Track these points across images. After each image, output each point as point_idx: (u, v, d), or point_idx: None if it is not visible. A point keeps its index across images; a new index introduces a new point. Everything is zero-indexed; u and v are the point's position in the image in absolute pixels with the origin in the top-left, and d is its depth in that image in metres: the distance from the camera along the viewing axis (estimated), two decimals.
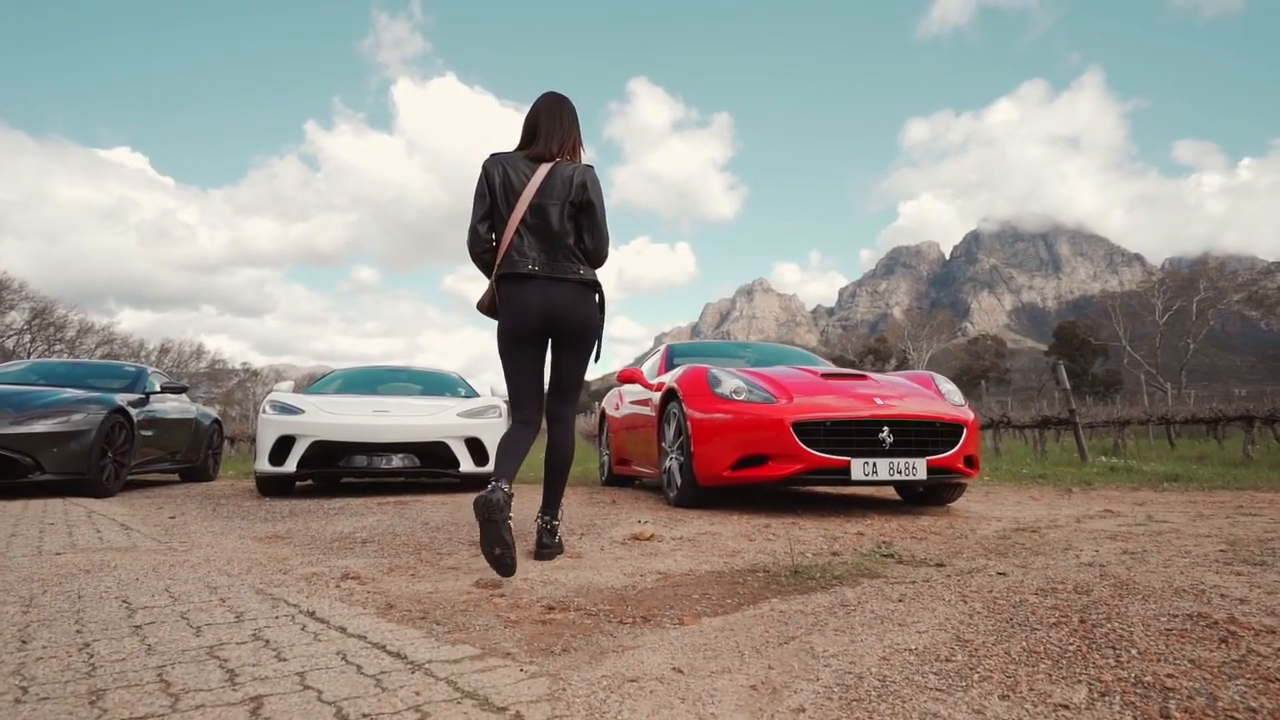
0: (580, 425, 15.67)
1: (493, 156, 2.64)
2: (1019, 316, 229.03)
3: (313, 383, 6.97)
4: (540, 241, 2.57)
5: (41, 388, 5.79)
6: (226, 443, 14.58)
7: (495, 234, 2.62)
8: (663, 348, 5.87)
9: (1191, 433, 17.15)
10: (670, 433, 4.40)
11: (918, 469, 3.72)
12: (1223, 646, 1.39)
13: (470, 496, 5.18)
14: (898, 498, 4.80)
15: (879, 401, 3.91)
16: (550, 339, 2.67)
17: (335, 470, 5.36)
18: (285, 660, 1.44)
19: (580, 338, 2.66)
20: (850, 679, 1.32)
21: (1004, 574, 2.13)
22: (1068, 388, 8.61)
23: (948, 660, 1.39)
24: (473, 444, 5.55)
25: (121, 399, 5.81)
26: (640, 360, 7.30)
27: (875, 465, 3.67)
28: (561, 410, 2.76)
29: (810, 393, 4.00)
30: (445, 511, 4.22)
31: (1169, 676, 1.26)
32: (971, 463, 3.98)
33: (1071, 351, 53.51)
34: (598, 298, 2.68)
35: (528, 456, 2.64)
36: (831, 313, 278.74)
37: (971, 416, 4.09)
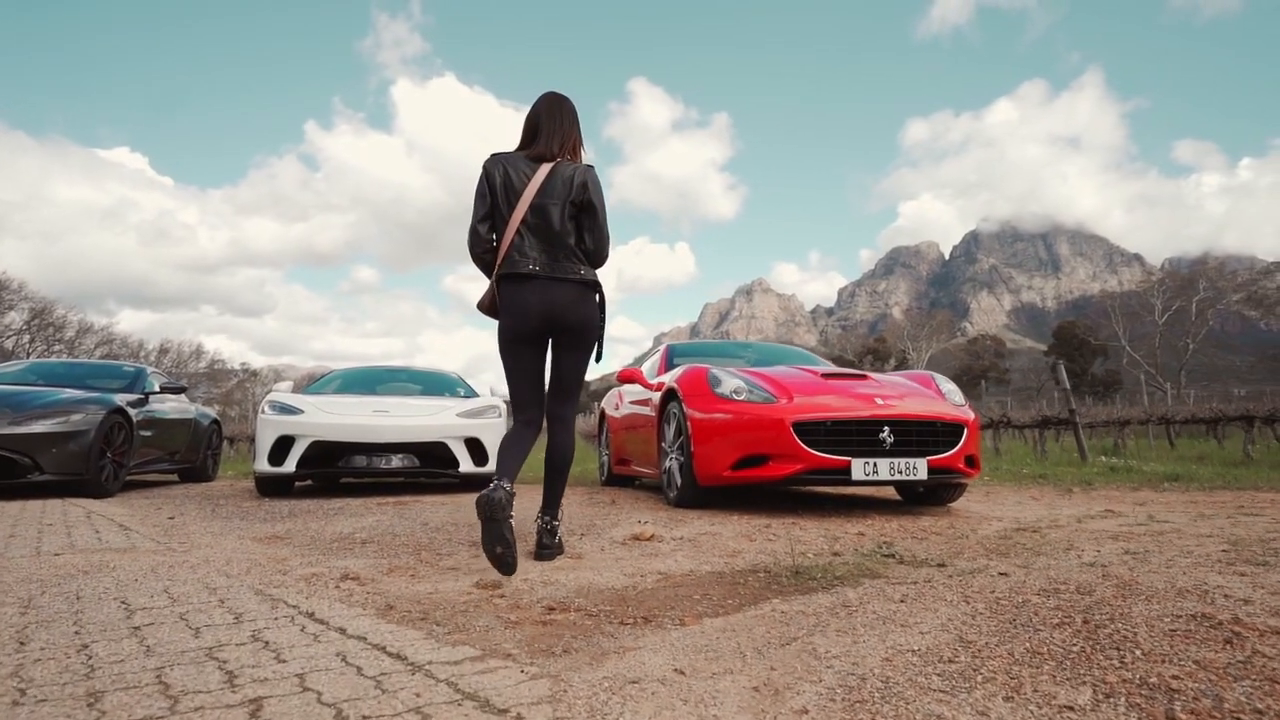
0: (580, 425, 15.66)
1: (493, 156, 2.64)
2: (1018, 316, 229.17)
3: (312, 383, 6.97)
4: (541, 242, 2.57)
5: (40, 388, 5.78)
6: (226, 443, 14.56)
7: (496, 234, 2.62)
8: (662, 348, 5.87)
9: (1191, 433, 17.16)
10: (670, 433, 4.40)
11: (918, 469, 3.72)
12: (1227, 648, 1.39)
13: (469, 497, 5.18)
14: (898, 498, 4.79)
15: (879, 401, 3.90)
16: (551, 339, 2.67)
17: (334, 470, 5.35)
18: (285, 661, 1.43)
19: (581, 338, 2.66)
20: (853, 680, 1.31)
21: (1006, 574, 2.13)
22: (1068, 387, 8.60)
23: (951, 661, 1.38)
24: (472, 444, 5.54)
25: (120, 399, 5.80)
26: (640, 360, 7.30)
27: (876, 465, 3.67)
28: (561, 410, 2.75)
29: (811, 393, 4.00)
30: (445, 512, 4.21)
31: (1174, 678, 1.26)
32: (972, 463, 3.98)
33: (1071, 351, 53.54)
34: (598, 298, 2.68)
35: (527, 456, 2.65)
36: (831, 313, 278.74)
37: (972, 416, 4.09)
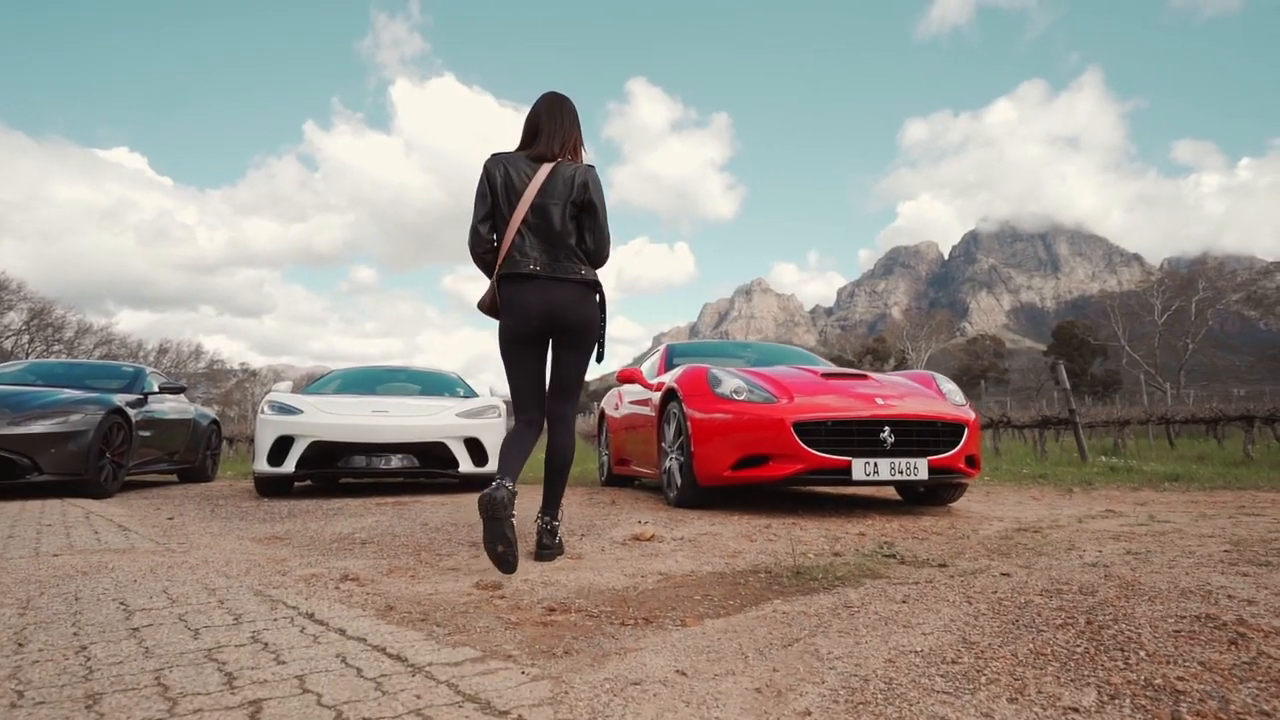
0: (580, 425, 15.66)
1: (494, 156, 2.63)
2: (1017, 316, 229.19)
3: (311, 383, 6.96)
4: (542, 242, 2.56)
5: (39, 388, 5.77)
6: (225, 443, 14.55)
7: (497, 234, 2.62)
8: (662, 348, 5.86)
9: (1191, 432, 17.17)
10: (670, 433, 4.39)
11: (919, 469, 3.71)
12: (1232, 648, 1.38)
13: (469, 497, 5.17)
14: (898, 498, 4.79)
15: (880, 401, 3.90)
16: (551, 339, 2.66)
17: (334, 471, 5.35)
18: (284, 663, 1.42)
19: (581, 338, 2.65)
20: (856, 681, 1.30)
21: (1008, 574, 2.12)
22: (1067, 387, 8.60)
23: (954, 662, 1.38)
24: (472, 444, 5.53)
25: (120, 399, 5.79)
26: (639, 360, 7.29)
27: (876, 465, 3.66)
28: (562, 410, 2.74)
29: (811, 392, 3.99)
30: (444, 512, 4.20)
31: (1179, 679, 1.25)
32: (973, 462, 3.97)
33: (1070, 351, 53.57)
34: (598, 298, 2.67)
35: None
36: (830, 313, 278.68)
37: (973, 416, 4.08)
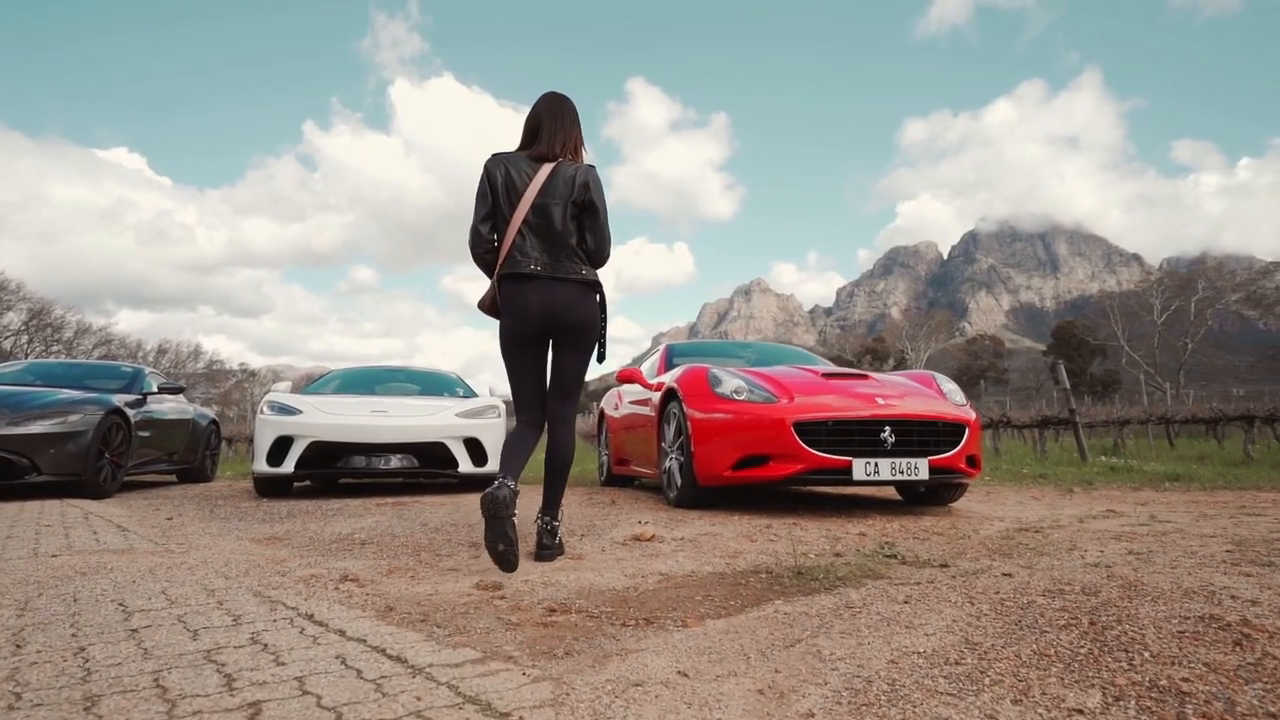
0: (580, 425, 15.64)
1: (495, 156, 2.63)
2: (1017, 316, 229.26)
3: (310, 383, 6.95)
4: (543, 242, 2.56)
5: (38, 388, 5.76)
6: (224, 443, 14.54)
7: (497, 234, 2.61)
8: (662, 347, 5.85)
9: (1191, 432, 17.17)
10: (670, 433, 4.38)
11: (920, 469, 3.70)
12: (1237, 649, 1.37)
13: (469, 497, 5.16)
14: (899, 498, 4.78)
15: (880, 401, 3.89)
16: (552, 339, 2.66)
17: (333, 471, 5.34)
18: (284, 664, 1.42)
19: (582, 338, 2.65)
20: (859, 683, 1.29)
21: (1010, 575, 2.11)
22: (1067, 387, 8.59)
23: (957, 663, 1.37)
24: (471, 444, 5.52)
25: (119, 400, 5.78)
26: (639, 360, 7.29)
27: (877, 465, 3.65)
28: (562, 410, 2.74)
29: (811, 392, 3.99)
30: (444, 512, 4.19)
31: (1184, 680, 1.24)
32: (973, 462, 3.97)
33: (1070, 351, 53.57)
34: (599, 298, 2.67)
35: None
36: (829, 313, 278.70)
37: (973, 416, 4.07)
